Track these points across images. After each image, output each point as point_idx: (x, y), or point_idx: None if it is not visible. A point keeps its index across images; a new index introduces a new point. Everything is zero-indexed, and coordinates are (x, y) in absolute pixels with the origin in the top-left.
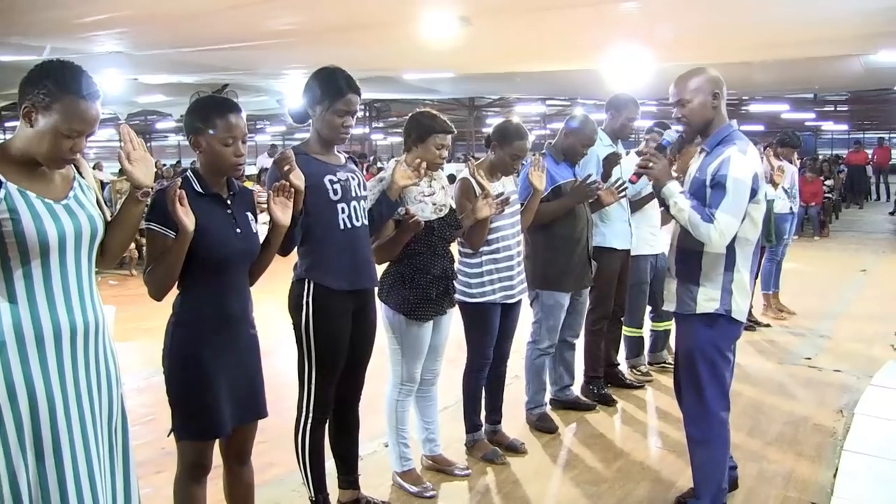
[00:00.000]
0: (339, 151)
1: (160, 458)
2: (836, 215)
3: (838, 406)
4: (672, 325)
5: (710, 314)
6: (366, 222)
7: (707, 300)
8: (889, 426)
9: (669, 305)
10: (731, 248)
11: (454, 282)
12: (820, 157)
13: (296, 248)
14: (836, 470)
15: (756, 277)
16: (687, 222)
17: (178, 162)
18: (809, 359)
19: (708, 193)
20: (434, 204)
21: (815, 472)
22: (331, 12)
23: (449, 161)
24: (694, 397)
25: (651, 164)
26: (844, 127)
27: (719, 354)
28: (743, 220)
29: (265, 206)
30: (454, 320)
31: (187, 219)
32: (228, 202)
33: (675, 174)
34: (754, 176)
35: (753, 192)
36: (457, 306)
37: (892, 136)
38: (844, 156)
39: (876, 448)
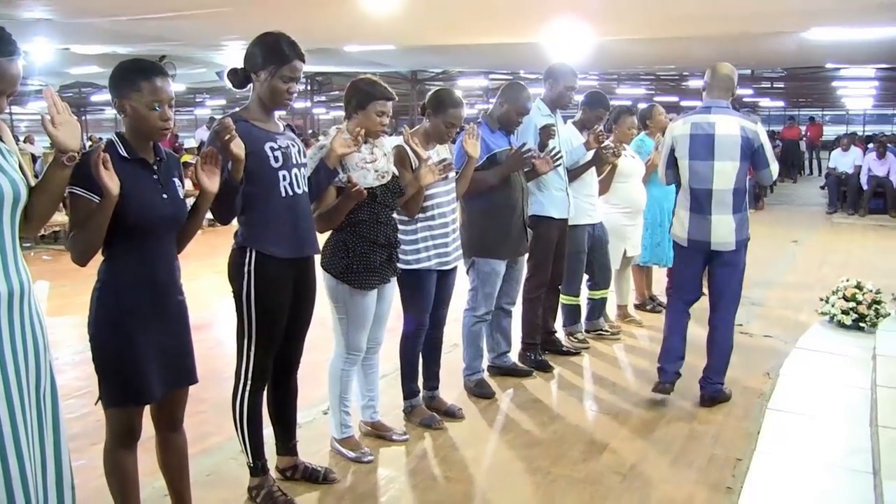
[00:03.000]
0: (278, 119)
1: (95, 431)
2: (771, 189)
3: (766, 369)
4: (608, 294)
5: None
6: (307, 190)
7: None
8: (810, 385)
9: None
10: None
11: (397, 250)
12: None
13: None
14: (760, 428)
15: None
16: None
17: None
18: (741, 325)
19: None
20: (376, 171)
21: (742, 430)
22: None
23: (391, 134)
24: None
25: None
26: (781, 104)
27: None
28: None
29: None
30: (396, 289)
31: (111, 182)
32: (155, 167)
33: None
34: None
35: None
36: None
37: (824, 113)
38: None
39: (797, 406)
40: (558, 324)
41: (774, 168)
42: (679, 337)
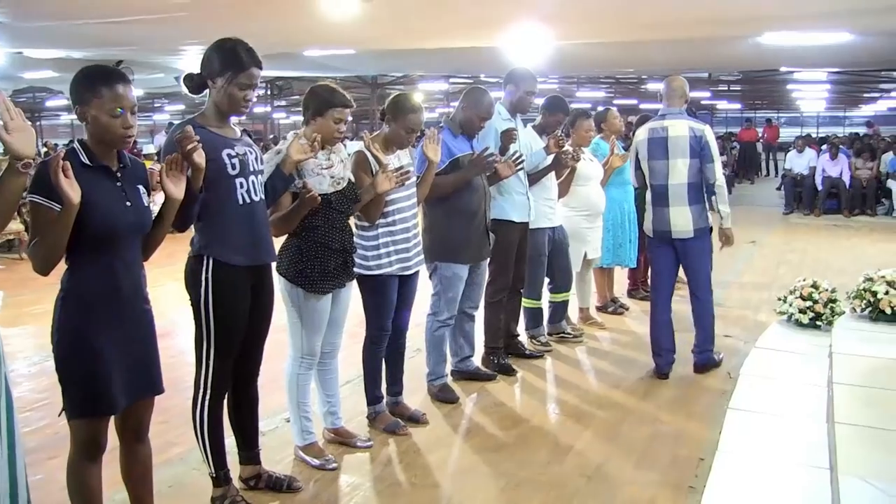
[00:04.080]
0: (234, 125)
1: (53, 443)
2: (730, 190)
3: (727, 369)
4: (570, 297)
5: None
6: (263, 196)
7: None
8: (769, 384)
9: None
10: None
11: (353, 255)
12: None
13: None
14: (722, 427)
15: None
16: None
17: (71, 142)
18: None
19: None
20: (332, 177)
21: (704, 430)
22: None
23: (352, 139)
24: None
25: None
26: (738, 106)
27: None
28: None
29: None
30: (354, 294)
31: (72, 190)
32: (118, 175)
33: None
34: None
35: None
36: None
37: (780, 115)
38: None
39: (757, 405)
40: (521, 327)
41: (718, 166)
42: (664, 332)
